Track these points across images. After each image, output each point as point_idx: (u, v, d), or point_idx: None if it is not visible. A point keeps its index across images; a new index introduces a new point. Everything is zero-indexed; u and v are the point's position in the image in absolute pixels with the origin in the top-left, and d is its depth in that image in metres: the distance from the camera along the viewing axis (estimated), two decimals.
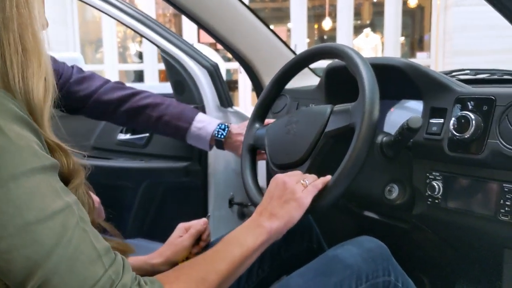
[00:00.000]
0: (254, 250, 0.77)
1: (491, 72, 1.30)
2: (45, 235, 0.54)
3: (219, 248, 0.76)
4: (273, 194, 0.86)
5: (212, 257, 0.74)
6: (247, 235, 0.78)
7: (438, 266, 1.34)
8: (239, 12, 1.50)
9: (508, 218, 0.90)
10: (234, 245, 0.76)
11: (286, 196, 0.85)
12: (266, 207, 0.84)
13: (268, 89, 1.17)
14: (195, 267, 0.72)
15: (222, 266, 0.72)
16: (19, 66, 0.60)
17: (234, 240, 0.78)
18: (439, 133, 1.00)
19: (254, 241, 0.77)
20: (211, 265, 0.72)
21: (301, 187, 0.86)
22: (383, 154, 1.03)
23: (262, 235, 0.79)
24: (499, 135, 0.91)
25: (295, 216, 0.84)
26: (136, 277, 0.62)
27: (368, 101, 0.87)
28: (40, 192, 0.55)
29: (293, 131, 1.02)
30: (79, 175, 0.66)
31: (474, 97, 0.97)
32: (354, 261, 0.87)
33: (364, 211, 1.23)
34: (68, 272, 0.55)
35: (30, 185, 0.54)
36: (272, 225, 0.80)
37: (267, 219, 0.81)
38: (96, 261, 0.57)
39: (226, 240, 0.78)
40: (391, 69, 1.10)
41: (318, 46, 1.09)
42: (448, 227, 1.06)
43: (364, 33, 8.35)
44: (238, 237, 0.78)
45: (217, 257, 0.74)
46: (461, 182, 0.99)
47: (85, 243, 0.57)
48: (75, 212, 0.58)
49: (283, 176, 0.88)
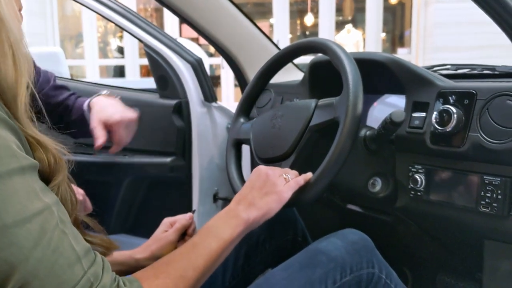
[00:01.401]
0: (231, 242, 0.77)
1: (471, 67, 1.32)
2: (23, 237, 0.53)
3: (196, 241, 0.75)
4: (254, 184, 0.86)
5: (189, 252, 0.73)
6: (225, 227, 0.78)
7: (420, 258, 1.36)
8: (223, 7, 1.49)
9: (489, 209, 0.93)
10: (212, 238, 0.75)
11: (267, 188, 0.85)
12: (246, 196, 0.84)
13: (253, 83, 1.17)
14: (173, 264, 0.71)
15: (200, 261, 0.72)
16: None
17: (211, 233, 0.77)
18: (421, 126, 1.02)
19: (231, 233, 0.77)
20: (189, 261, 0.71)
21: (283, 181, 0.87)
22: (367, 148, 1.05)
23: (239, 226, 0.78)
24: (480, 128, 0.93)
25: (274, 209, 0.84)
26: (116, 277, 0.62)
27: (352, 95, 0.88)
28: (18, 194, 0.54)
29: (278, 125, 1.03)
30: (61, 172, 0.64)
31: (455, 91, 0.99)
32: (338, 254, 0.88)
33: (348, 204, 1.24)
34: (46, 274, 0.54)
35: (8, 187, 0.53)
36: (249, 215, 0.80)
37: (245, 208, 0.81)
38: (75, 263, 0.57)
39: (203, 233, 0.77)
40: (374, 64, 1.11)
41: (302, 41, 1.09)
42: (430, 219, 1.08)
43: (346, 29, 8.40)
44: (215, 229, 0.78)
45: (195, 252, 0.73)
46: (443, 174, 1.00)
47: (64, 245, 0.56)
48: (55, 214, 0.57)
49: (266, 168, 0.88)
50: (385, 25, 8.58)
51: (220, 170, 1.74)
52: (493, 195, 0.92)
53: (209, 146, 1.71)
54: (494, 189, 0.91)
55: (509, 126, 0.89)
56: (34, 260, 0.53)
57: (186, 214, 1.07)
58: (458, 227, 1.05)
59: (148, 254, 1.02)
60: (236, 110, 1.19)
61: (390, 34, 10.11)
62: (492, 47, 1.55)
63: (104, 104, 1.24)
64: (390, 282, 0.91)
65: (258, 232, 1.11)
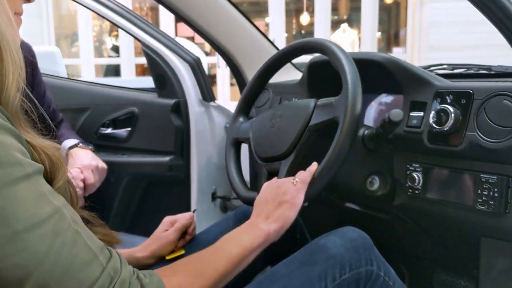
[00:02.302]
0: (252, 251, 0.80)
1: (468, 67, 1.34)
2: (36, 242, 0.54)
3: (217, 246, 0.78)
4: (267, 197, 0.90)
5: (209, 254, 0.76)
6: (245, 236, 0.81)
7: (417, 256, 1.37)
8: (221, 5, 1.50)
9: (485, 207, 0.94)
10: (232, 244, 0.78)
11: (279, 198, 0.88)
12: (262, 210, 0.88)
13: (252, 83, 1.18)
14: (192, 263, 0.73)
15: (219, 264, 0.74)
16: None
17: (232, 239, 0.80)
18: (419, 126, 1.03)
19: (252, 242, 0.80)
20: (208, 262, 0.73)
21: (292, 186, 0.89)
22: (365, 147, 1.06)
23: (260, 237, 0.82)
24: (477, 127, 0.94)
25: (290, 217, 0.87)
26: (134, 270, 0.63)
27: (351, 95, 0.89)
28: (25, 201, 0.54)
29: (278, 125, 1.04)
30: (61, 172, 0.64)
31: (452, 91, 1.00)
32: (337, 251, 0.89)
33: (346, 202, 1.25)
34: (64, 276, 0.55)
35: (15, 196, 0.53)
36: (269, 228, 0.84)
37: (263, 221, 0.85)
38: (92, 261, 0.57)
39: (224, 239, 0.80)
40: (372, 64, 1.12)
41: (301, 41, 1.10)
42: (427, 217, 1.10)
43: (341, 29, 8.42)
44: (236, 237, 0.81)
45: (215, 255, 0.76)
46: (440, 173, 1.02)
47: (79, 245, 0.57)
48: (66, 215, 0.57)
49: (276, 180, 0.93)
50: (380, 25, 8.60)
51: (218, 169, 1.75)
52: (489, 193, 0.93)
53: (207, 145, 1.72)
54: (490, 187, 0.93)
55: (505, 125, 0.90)
56: (49, 263, 0.54)
57: (186, 213, 1.08)
58: (455, 224, 1.06)
59: (148, 253, 1.02)
60: (235, 109, 1.19)
61: (386, 34, 10.15)
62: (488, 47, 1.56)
63: (79, 154, 1.34)
64: (389, 280, 0.92)
65: None
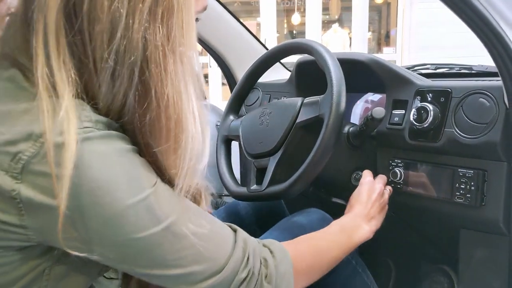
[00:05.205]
0: (357, 244, 0.89)
1: (450, 67, 1.38)
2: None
3: (329, 232, 0.88)
4: (371, 198, 1.00)
5: (324, 236, 0.86)
6: (353, 231, 0.91)
7: (402, 248, 1.42)
8: (210, 7, 1.53)
9: (463, 200, 0.99)
10: (343, 234, 0.88)
11: (382, 202, 1.02)
12: (369, 211, 0.97)
13: (242, 83, 1.22)
14: (312, 239, 0.83)
15: (333, 247, 0.84)
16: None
17: (344, 230, 0.90)
18: (400, 123, 1.08)
19: (360, 236, 0.90)
20: (327, 242, 0.84)
21: (386, 192, 1.05)
22: (350, 143, 1.10)
23: (364, 235, 0.92)
24: (455, 124, 0.99)
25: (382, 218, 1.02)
26: (258, 240, 0.71)
27: (336, 93, 0.93)
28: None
29: (266, 122, 1.08)
30: None
31: (432, 89, 1.05)
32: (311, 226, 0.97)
33: (333, 197, 1.29)
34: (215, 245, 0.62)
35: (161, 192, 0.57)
36: (371, 227, 0.95)
37: (368, 222, 0.95)
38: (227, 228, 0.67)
39: (336, 229, 0.89)
40: (356, 64, 1.16)
41: (289, 42, 1.14)
42: (409, 210, 1.14)
43: (332, 29, 8.46)
44: (346, 229, 0.90)
45: (328, 240, 0.85)
46: (420, 168, 1.06)
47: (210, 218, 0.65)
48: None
49: (375, 184, 1.04)
50: (371, 24, 8.66)
51: (209, 166, 1.78)
52: (466, 187, 0.97)
53: None
54: (467, 181, 0.97)
55: (481, 122, 0.95)
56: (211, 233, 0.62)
57: None
58: (436, 217, 1.10)
59: None
60: (226, 108, 1.23)
61: (376, 33, 10.21)
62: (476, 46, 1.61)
63: None
64: (356, 264, 0.99)
65: (249, 224, 1.17)
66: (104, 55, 0.52)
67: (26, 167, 0.49)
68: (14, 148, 0.49)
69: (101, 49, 0.52)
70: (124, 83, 0.53)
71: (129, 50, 0.52)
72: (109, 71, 0.52)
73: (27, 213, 0.51)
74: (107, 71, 0.53)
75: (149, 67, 0.53)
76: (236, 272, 0.63)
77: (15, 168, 0.49)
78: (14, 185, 0.49)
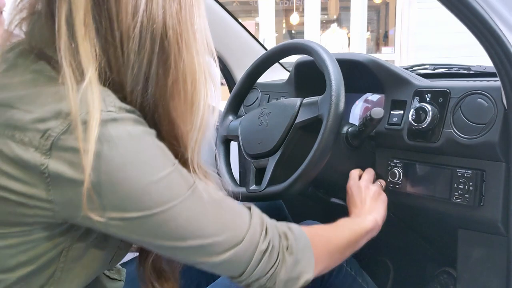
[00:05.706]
0: (367, 232, 0.90)
1: (448, 67, 1.39)
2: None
3: (338, 223, 0.88)
4: (365, 196, 1.02)
5: (335, 226, 0.87)
6: (360, 220, 0.93)
7: (400, 248, 1.42)
8: (208, 7, 1.53)
9: (461, 200, 0.99)
10: (352, 224, 0.91)
11: (376, 195, 1.03)
12: (364, 208, 0.99)
13: (241, 83, 1.22)
14: (325, 226, 0.85)
15: (345, 233, 0.85)
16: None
17: (350, 221, 0.93)
18: (399, 123, 1.08)
19: (366, 225, 0.91)
20: (336, 230, 0.85)
21: (375, 184, 1.07)
22: (349, 144, 1.10)
23: (371, 222, 0.93)
24: (453, 124, 0.99)
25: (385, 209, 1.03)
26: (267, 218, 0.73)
27: (335, 94, 0.94)
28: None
29: (266, 123, 1.08)
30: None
31: (430, 90, 1.05)
32: None
33: (332, 197, 1.30)
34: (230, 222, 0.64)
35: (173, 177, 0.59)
36: (376, 218, 0.96)
37: (369, 214, 0.97)
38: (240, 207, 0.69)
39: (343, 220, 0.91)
40: (355, 64, 1.17)
41: (288, 42, 1.14)
42: (408, 210, 1.14)
43: (331, 29, 8.47)
44: (353, 220, 0.94)
45: (340, 227, 0.87)
46: (419, 168, 1.07)
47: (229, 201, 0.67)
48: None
49: (359, 183, 1.05)
50: (369, 24, 8.67)
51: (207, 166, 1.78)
52: (465, 187, 0.98)
53: None
54: (466, 181, 0.98)
55: (479, 122, 0.95)
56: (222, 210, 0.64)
57: None
58: (434, 217, 1.11)
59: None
60: (225, 108, 1.23)
61: (375, 33, 10.22)
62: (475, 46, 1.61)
63: None
64: (351, 270, 0.99)
65: None
66: (130, 26, 0.57)
67: (55, 143, 0.52)
68: (44, 126, 0.52)
69: (127, 22, 0.56)
70: (149, 51, 0.58)
71: (151, 20, 0.57)
72: (136, 40, 0.57)
73: (54, 187, 0.53)
74: (134, 41, 0.57)
75: (167, 34, 0.59)
76: (257, 244, 0.65)
77: (44, 145, 0.52)
78: (43, 160, 0.52)
